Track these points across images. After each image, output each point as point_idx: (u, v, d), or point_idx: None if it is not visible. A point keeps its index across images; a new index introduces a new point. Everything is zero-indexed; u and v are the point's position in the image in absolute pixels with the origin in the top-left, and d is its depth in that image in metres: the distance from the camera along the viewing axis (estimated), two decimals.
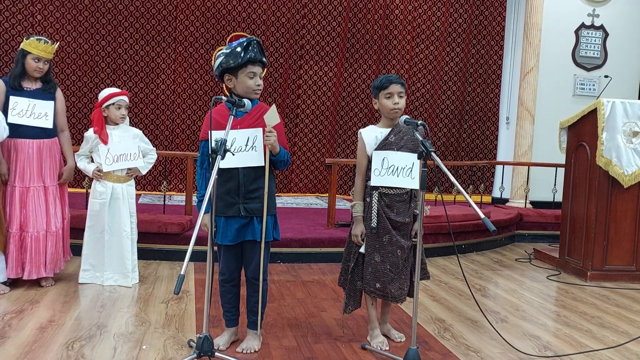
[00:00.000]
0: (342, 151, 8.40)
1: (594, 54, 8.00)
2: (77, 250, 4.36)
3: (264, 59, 3.01)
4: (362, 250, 3.20)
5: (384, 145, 3.16)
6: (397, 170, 3.09)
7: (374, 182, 3.14)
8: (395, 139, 3.16)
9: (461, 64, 8.47)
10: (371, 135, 3.22)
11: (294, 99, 8.20)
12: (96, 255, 4.25)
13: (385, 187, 3.13)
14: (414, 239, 3.19)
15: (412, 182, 3.08)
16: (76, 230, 4.47)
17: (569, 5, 7.86)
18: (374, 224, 3.13)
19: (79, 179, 6.43)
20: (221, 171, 2.91)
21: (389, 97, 3.17)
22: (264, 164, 2.95)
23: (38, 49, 3.97)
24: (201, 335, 2.74)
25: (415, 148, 3.09)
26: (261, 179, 2.98)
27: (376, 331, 3.27)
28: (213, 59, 7.83)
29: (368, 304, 3.28)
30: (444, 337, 3.44)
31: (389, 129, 3.20)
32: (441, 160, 2.75)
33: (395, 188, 3.13)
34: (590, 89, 7.97)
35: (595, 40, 7.99)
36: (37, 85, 4.09)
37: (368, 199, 3.18)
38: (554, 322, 3.85)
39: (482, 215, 2.46)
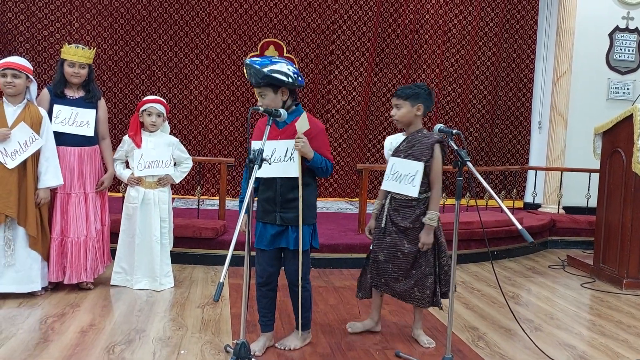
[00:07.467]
0: (371, 156, 8.41)
1: (628, 57, 7.87)
2: (114, 254, 4.45)
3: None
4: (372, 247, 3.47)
5: (395, 152, 3.38)
6: (400, 177, 3.27)
7: (382, 186, 3.40)
8: (406, 147, 3.33)
9: (492, 68, 8.41)
10: (389, 141, 3.51)
11: (324, 104, 8.24)
12: (127, 259, 4.35)
13: (393, 192, 3.34)
14: (420, 247, 3.28)
15: (412, 189, 3.23)
16: (113, 234, 4.56)
17: (602, 9, 7.74)
18: (382, 224, 3.36)
19: (115, 183, 6.57)
20: (263, 179, 3.03)
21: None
22: (298, 175, 3.00)
23: (70, 53, 4.08)
24: (238, 342, 2.79)
25: (419, 157, 3.22)
26: (298, 189, 3.02)
27: (367, 321, 3.55)
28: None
29: (375, 293, 3.53)
30: (478, 345, 3.44)
31: (405, 137, 3.40)
32: (473, 165, 2.78)
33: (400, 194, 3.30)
34: (624, 93, 7.85)
35: (630, 44, 7.86)
36: (80, 93, 4.20)
37: (384, 201, 3.40)
38: (589, 331, 3.82)
39: (520, 227, 2.46)
